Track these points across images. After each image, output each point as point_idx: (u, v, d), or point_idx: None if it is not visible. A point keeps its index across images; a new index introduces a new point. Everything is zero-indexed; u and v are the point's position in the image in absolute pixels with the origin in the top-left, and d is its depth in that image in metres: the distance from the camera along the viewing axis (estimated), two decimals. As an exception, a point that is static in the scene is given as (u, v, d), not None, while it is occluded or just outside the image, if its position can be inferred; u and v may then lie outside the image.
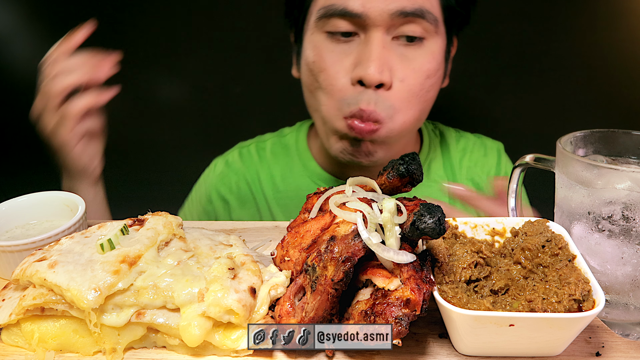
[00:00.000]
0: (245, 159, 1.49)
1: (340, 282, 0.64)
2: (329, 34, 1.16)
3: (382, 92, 1.13)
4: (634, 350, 0.69)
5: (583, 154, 0.86)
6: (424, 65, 1.15)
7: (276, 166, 1.46)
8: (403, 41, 1.13)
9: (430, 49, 1.16)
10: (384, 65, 1.10)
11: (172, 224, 0.80)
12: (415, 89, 1.15)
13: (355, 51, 1.14)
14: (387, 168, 0.80)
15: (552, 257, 0.72)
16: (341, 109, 1.16)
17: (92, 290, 0.66)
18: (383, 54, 1.10)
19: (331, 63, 1.15)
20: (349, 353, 0.70)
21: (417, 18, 1.10)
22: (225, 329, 0.69)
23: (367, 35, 1.12)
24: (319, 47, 1.17)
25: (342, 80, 1.15)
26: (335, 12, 1.12)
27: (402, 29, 1.12)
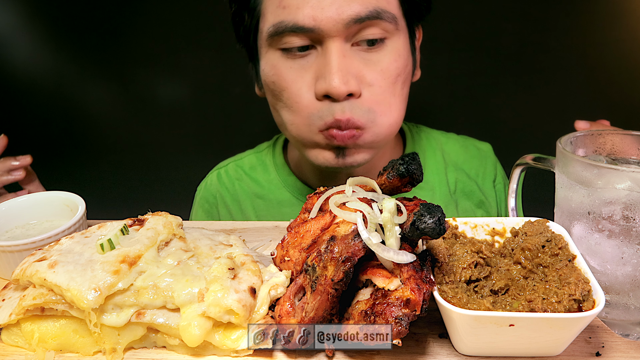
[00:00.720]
0: (223, 180, 1.46)
1: (340, 282, 0.64)
2: (284, 51, 1.09)
3: (354, 100, 1.07)
4: (634, 350, 0.69)
5: (583, 154, 0.86)
6: (391, 65, 1.09)
7: (255, 184, 1.42)
8: (364, 46, 1.07)
9: (393, 47, 1.09)
10: (347, 74, 1.04)
11: (172, 224, 0.80)
12: (387, 91, 1.10)
13: (315, 64, 1.07)
14: (387, 168, 0.80)
15: (552, 257, 0.72)
16: (313, 124, 1.10)
17: (92, 290, 0.66)
18: (344, 63, 1.04)
19: (292, 81, 1.09)
20: (349, 353, 0.70)
21: (375, 20, 1.04)
22: (225, 329, 0.69)
23: (324, 47, 1.05)
24: (276, 65, 1.11)
25: (306, 96, 1.09)
26: (285, 29, 1.05)
27: (361, 34, 1.05)
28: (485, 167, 1.42)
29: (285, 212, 1.36)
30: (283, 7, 1.05)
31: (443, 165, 1.39)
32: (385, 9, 1.05)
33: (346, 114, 1.06)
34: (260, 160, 1.45)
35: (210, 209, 1.45)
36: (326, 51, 1.05)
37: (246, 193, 1.42)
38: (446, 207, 1.34)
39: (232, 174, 1.46)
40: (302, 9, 1.02)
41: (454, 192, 1.36)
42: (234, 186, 1.44)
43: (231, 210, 1.42)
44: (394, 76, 1.10)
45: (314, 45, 1.07)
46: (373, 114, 1.09)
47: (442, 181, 1.37)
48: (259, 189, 1.41)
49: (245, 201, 1.41)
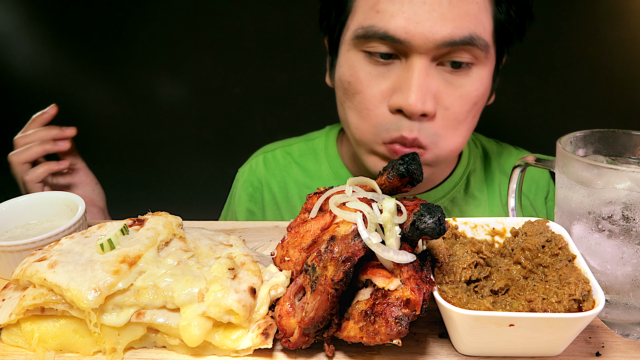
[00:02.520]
0: (270, 164, 1.42)
1: (340, 282, 0.64)
2: (367, 54, 1.06)
3: (425, 121, 1.04)
4: (634, 350, 0.69)
5: (583, 154, 0.86)
6: (472, 93, 1.06)
7: (304, 173, 1.39)
8: (448, 67, 1.03)
9: (478, 75, 1.06)
10: (426, 94, 1.01)
11: (172, 224, 0.80)
12: (461, 117, 1.07)
13: (395, 75, 1.04)
14: (387, 168, 0.80)
15: (552, 257, 0.72)
16: (379, 134, 1.08)
17: (92, 290, 0.66)
18: (426, 82, 1.01)
19: (368, 86, 1.06)
20: (349, 353, 0.70)
21: (467, 45, 1.00)
22: (225, 329, 0.69)
23: (409, 61, 1.02)
24: (355, 66, 1.08)
25: (379, 106, 1.06)
26: (375, 35, 1.01)
27: (449, 56, 1.02)
28: (538, 182, 1.37)
29: None
30: (377, 11, 1.01)
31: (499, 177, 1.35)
32: (480, 35, 1.01)
33: (414, 133, 1.04)
34: (312, 149, 1.41)
35: (254, 193, 1.41)
36: (410, 66, 1.02)
37: (294, 181, 1.38)
38: None
39: (280, 159, 1.42)
40: (396, 18, 0.99)
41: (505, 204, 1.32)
42: (282, 172, 1.40)
43: (276, 197, 1.38)
44: (471, 103, 1.07)
45: (398, 55, 1.04)
46: (438, 137, 1.07)
47: (494, 192, 1.33)
48: (307, 179, 1.38)
49: (292, 189, 1.37)
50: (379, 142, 1.09)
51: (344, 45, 1.12)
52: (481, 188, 1.33)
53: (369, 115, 1.08)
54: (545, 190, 1.37)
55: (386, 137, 1.07)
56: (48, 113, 1.24)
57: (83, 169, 1.32)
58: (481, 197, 1.32)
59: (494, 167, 1.36)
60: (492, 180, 1.34)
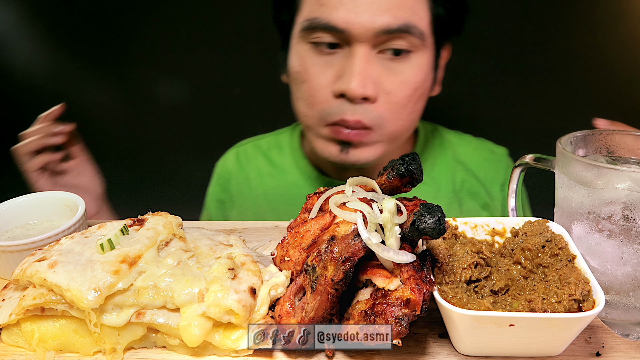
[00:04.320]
0: (242, 158, 1.51)
1: (340, 282, 0.64)
2: (314, 45, 1.14)
3: (367, 105, 1.12)
4: (634, 350, 0.69)
5: (583, 154, 0.86)
6: (411, 78, 1.14)
7: (269, 164, 1.47)
8: (389, 54, 1.12)
9: (417, 62, 1.14)
10: (367, 79, 1.09)
11: (172, 224, 0.80)
12: (402, 102, 1.15)
13: (339, 63, 1.12)
14: (387, 168, 0.80)
15: (552, 257, 0.72)
16: (323, 118, 1.16)
17: (92, 290, 0.66)
18: (366, 68, 1.09)
19: (314, 74, 1.15)
20: (349, 353, 0.70)
21: (404, 33, 1.09)
22: (225, 329, 0.69)
23: (351, 49, 1.10)
24: (303, 57, 1.17)
25: (324, 92, 1.14)
26: (318, 26, 1.10)
27: (388, 43, 1.10)
28: (497, 170, 1.43)
29: (294, 193, 1.41)
30: (320, 4, 1.10)
31: (452, 164, 1.42)
32: (415, 24, 1.10)
33: (356, 116, 1.12)
34: (277, 142, 1.50)
35: (225, 184, 1.51)
36: (352, 53, 1.10)
37: (259, 171, 1.47)
38: (449, 205, 1.37)
39: (250, 152, 1.51)
40: (338, 9, 1.07)
41: (459, 190, 1.39)
42: (249, 164, 1.49)
43: (241, 187, 1.47)
44: (411, 89, 1.15)
45: (342, 44, 1.12)
46: (382, 119, 1.14)
47: (448, 179, 1.40)
48: (271, 169, 1.46)
49: (255, 179, 1.46)
50: (322, 125, 1.18)
51: (293, 40, 1.21)
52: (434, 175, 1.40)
53: (314, 102, 1.16)
54: (502, 178, 1.43)
55: (329, 121, 1.16)
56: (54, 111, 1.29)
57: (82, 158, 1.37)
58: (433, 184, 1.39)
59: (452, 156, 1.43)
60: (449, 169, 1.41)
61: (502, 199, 1.42)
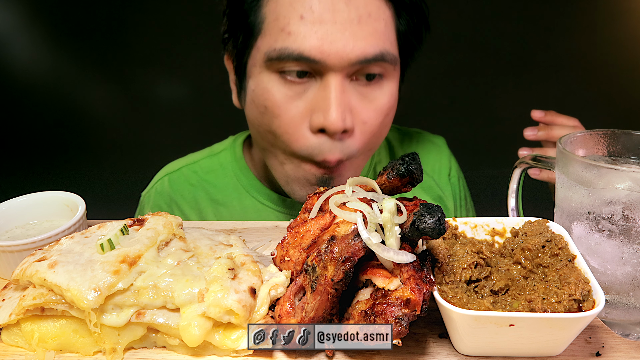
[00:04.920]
0: (176, 185, 1.35)
1: (340, 282, 0.64)
2: (281, 74, 1.05)
3: (346, 139, 1.06)
4: (634, 350, 0.69)
5: (583, 154, 0.86)
6: (385, 105, 1.09)
7: (214, 189, 1.34)
8: (362, 80, 1.06)
9: (388, 86, 1.10)
10: (345, 111, 1.02)
11: (172, 224, 0.80)
12: (375, 130, 1.10)
13: (312, 94, 1.04)
14: (387, 168, 0.80)
15: (552, 257, 0.72)
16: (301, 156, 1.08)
17: (92, 290, 0.66)
18: (343, 98, 1.02)
19: (285, 109, 1.05)
20: (349, 353, 0.70)
21: (379, 61, 1.04)
22: (225, 329, 0.69)
23: (324, 80, 1.03)
24: (269, 89, 1.06)
25: (300, 127, 1.05)
26: (290, 57, 1.01)
27: (361, 70, 1.05)
28: (441, 161, 1.41)
29: (251, 218, 1.29)
30: (288, 33, 1.00)
31: None
32: (389, 50, 1.05)
33: (336, 154, 1.06)
34: (219, 164, 1.36)
35: None
36: (326, 84, 1.02)
37: (205, 200, 1.33)
38: None
39: (186, 178, 1.36)
40: (309, 39, 0.99)
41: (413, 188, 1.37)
42: (191, 192, 1.34)
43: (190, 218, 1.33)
44: (383, 115, 1.11)
45: (313, 74, 1.04)
46: (359, 152, 1.10)
47: None
48: (219, 195, 1.33)
49: (206, 208, 1.32)
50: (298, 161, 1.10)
51: (254, 68, 1.09)
52: None
53: (291, 139, 1.07)
54: (447, 167, 1.41)
55: (308, 160, 1.08)
56: None
57: None
58: None
59: (398, 154, 1.40)
60: None
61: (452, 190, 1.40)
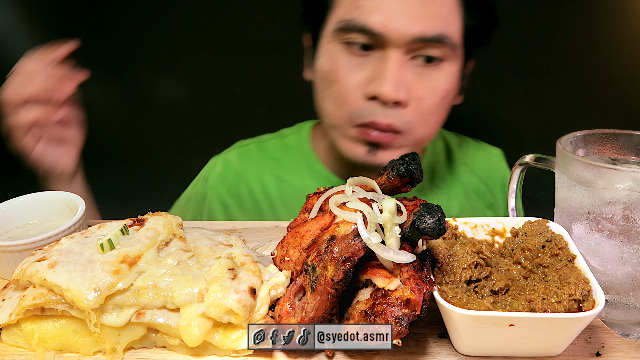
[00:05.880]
0: (245, 159, 1.45)
1: (340, 282, 0.64)
2: (346, 45, 1.14)
3: (398, 109, 1.12)
4: (634, 350, 0.70)
5: (583, 154, 0.86)
6: (442, 87, 1.15)
7: (279, 167, 1.42)
8: (421, 61, 1.13)
9: (447, 70, 1.16)
10: (400, 84, 1.09)
11: (172, 224, 0.80)
12: (432, 109, 1.16)
13: (372, 66, 1.13)
14: (387, 168, 0.80)
15: (552, 257, 0.72)
16: (352, 119, 1.15)
17: (92, 290, 0.66)
18: (400, 73, 1.10)
19: (345, 74, 1.14)
20: (349, 353, 0.70)
21: (437, 43, 1.10)
22: (225, 329, 0.69)
23: (384, 52, 1.11)
24: (334, 57, 1.16)
25: (355, 93, 1.13)
26: (354, 27, 1.10)
27: (421, 50, 1.11)
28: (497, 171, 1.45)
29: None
30: (357, 7, 1.10)
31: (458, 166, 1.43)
32: (449, 35, 1.11)
33: (387, 119, 1.12)
34: (285, 146, 1.45)
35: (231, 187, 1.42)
36: (386, 57, 1.10)
37: (270, 176, 1.41)
38: (461, 207, 1.38)
39: (255, 154, 1.45)
40: (375, 13, 1.08)
41: (467, 191, 1.41)
42: (258, 166, 1.42)
43: (254, 191, 1.40)
44: (441, 96, 1.16)
45: (375, 47, 1.12)
46: (411, 124, 1.15)
47: (457, 181, 1.42)
48: (284, 173, 1.41)
49: (269, 183, 1.40)
50: (351, 125, 1.17)
51: (324, 38, 1.19)
52: (445, 178, 1.42)
53: (345, 102, 1.15)
54: (502, 178, 1.45)
55: (358, 122, 1.15)
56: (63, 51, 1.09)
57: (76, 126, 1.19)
58: (446, 187, 1.41)
59: (456, 157, 1.45)
60: (455, 170, 1.43)
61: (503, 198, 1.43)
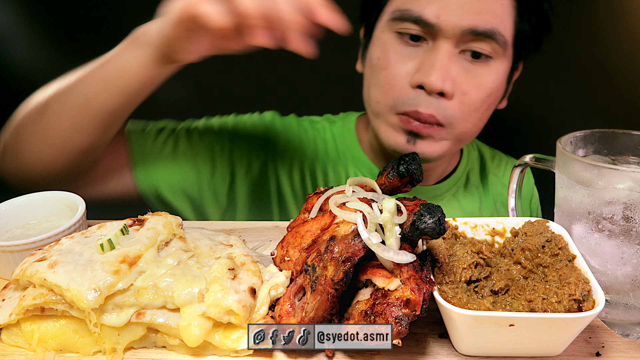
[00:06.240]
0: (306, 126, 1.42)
1: (340, 282, 0.64)
2: (398, 34, 1.16)
3: (442, 101, 1.13)
4: (634, 350, 0.70)
5: (583, 154, 0.86)
6: (488, 83, 1.15)
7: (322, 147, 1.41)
8: (469, 56, 1.13)
9: (495, 68, 1.16)
10: (447, 75, 1.10)
11: (172, 224, 0.80)
12: (476, 104, 1.16)
13: (421, 56, 1.14)
14: (386, 168, 0.80)
15: (552, 257, 0.72)
16: (395, 106, 1.16)
17: (92, 290, 0.66)
18: (448, 64, 1.11)
19: (395, 63, 1.16)
20: (349, 353, 0.70)
21: (488, 38, 1.11)
22: (225, 329, 0.69)
23: (435, 44, 1.12)
24: (386, 45, 1.18)
25: (402, 81, 1.14)
26: (409, 18, 1.12)
27: (471, 44, 1.12)
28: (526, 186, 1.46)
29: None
30: None
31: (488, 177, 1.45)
32: (501, 32, 1.12)
33: (430, 109, 1.12)
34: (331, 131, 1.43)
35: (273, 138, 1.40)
36: (436, 48, 1.11)
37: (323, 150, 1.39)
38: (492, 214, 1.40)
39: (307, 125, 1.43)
40: (431, 5, 1.10)
41: (496, 202, 1.42)
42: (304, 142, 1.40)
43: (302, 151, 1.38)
44: (486, 93, 1.16)
45: (426, 39, 1.14)
46: (454, 118, 1.15)
47: (488, 191, 1.43)
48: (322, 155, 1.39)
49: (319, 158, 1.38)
50: (393, 113, 1.17)
51: (378, 29, 1.21)
52: (478, 186, 1.42)
53: (390, 89, 1.16)
54: (530, 193, 1.46)
55: (401, 109, 1.15)
56: None
57: None
58: (478, 194, 1.41)
59: (489, 168, 1.47)
60: (487, 180, 1.44)
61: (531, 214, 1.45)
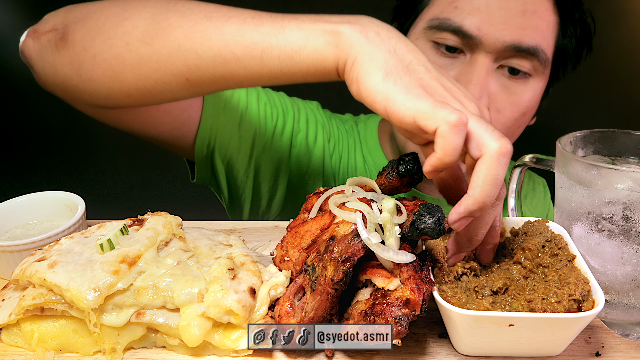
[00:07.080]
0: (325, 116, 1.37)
1: (339, 282, 0.64)
2: (434, 44, 1.10)
3: None
4: (634, 350, 0.69)
5: (583, 154, 0.86)
6: (524, 102, 1.11)
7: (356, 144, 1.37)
8: (506, 72, 1.09)
9: (533, 86, 1.12)
10: (483, 90, 1.05)
11: (171, 224, 0.80)
12: (509, 123, 1.12)
13: (458, 69, 1.09)
14: (386, 168, 0.80)
15: (552, 257, 0.72)
16: None
17: (91, 290, 0.66)
18: (486, 79, 1.06)
19: None
20: (348, 353, 0.70)
21: (530, 55, 1.06)
22: (225, 329, 0.69)
23: (473, 57, 1.07)
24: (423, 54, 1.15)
25: None
26: (448, 27, 1.07)
27: (511, 60, 1.07)
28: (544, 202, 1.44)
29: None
30: (455, 7, 1.07)
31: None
32: (544, 49, 1.07)
33: None
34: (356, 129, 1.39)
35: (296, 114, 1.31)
36: (474, 62, 1.07)
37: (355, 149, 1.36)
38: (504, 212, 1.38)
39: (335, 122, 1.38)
40: (473, 16, 1.04)
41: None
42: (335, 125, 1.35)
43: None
44: (521, 112, 1.12)
45: (464, 51, 1.09)
46: None
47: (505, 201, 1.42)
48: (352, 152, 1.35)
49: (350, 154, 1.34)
50: None
51: (412, 34, 1.16)
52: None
53: None
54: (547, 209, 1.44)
55: None
56: None
57: None
58: None
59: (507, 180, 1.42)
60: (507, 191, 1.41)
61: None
